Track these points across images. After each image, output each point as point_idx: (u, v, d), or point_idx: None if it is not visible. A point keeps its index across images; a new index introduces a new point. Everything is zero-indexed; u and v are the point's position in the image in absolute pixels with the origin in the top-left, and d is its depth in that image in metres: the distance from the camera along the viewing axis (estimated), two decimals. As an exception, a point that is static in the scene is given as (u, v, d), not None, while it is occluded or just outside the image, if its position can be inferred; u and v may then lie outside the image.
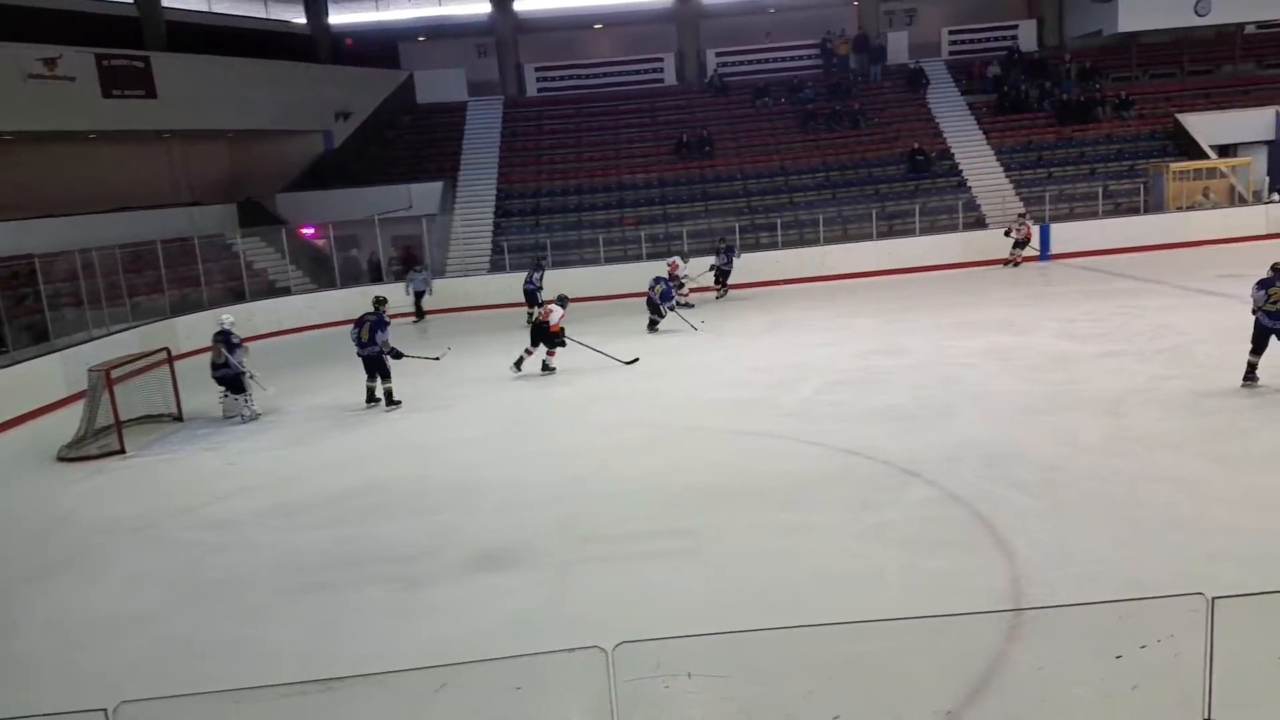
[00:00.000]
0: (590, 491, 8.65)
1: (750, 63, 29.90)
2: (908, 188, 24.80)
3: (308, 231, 23.75)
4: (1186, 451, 8.40)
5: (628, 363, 14.08)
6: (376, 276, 23.13)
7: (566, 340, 13.74)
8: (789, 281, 21.70)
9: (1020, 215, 22.45)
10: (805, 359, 13.62)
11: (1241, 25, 28.26)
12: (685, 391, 12.36)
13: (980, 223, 23.56)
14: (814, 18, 30.11)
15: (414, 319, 20.98)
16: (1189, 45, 28.49)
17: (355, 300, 18.48)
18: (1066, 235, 22.46)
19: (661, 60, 30.21)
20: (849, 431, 9.74)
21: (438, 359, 13.57)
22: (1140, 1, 26.83)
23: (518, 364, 13.91)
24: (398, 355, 12.32)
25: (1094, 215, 23.36)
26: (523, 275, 19.93)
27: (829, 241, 22.98)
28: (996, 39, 29.96)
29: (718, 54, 29.86)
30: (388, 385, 12.35)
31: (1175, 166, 23.85)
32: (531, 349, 13.93)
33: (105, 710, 3.58)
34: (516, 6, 29.79)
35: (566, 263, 23.07)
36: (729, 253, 20.62)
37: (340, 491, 9.15)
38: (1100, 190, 23.72)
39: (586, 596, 6.47)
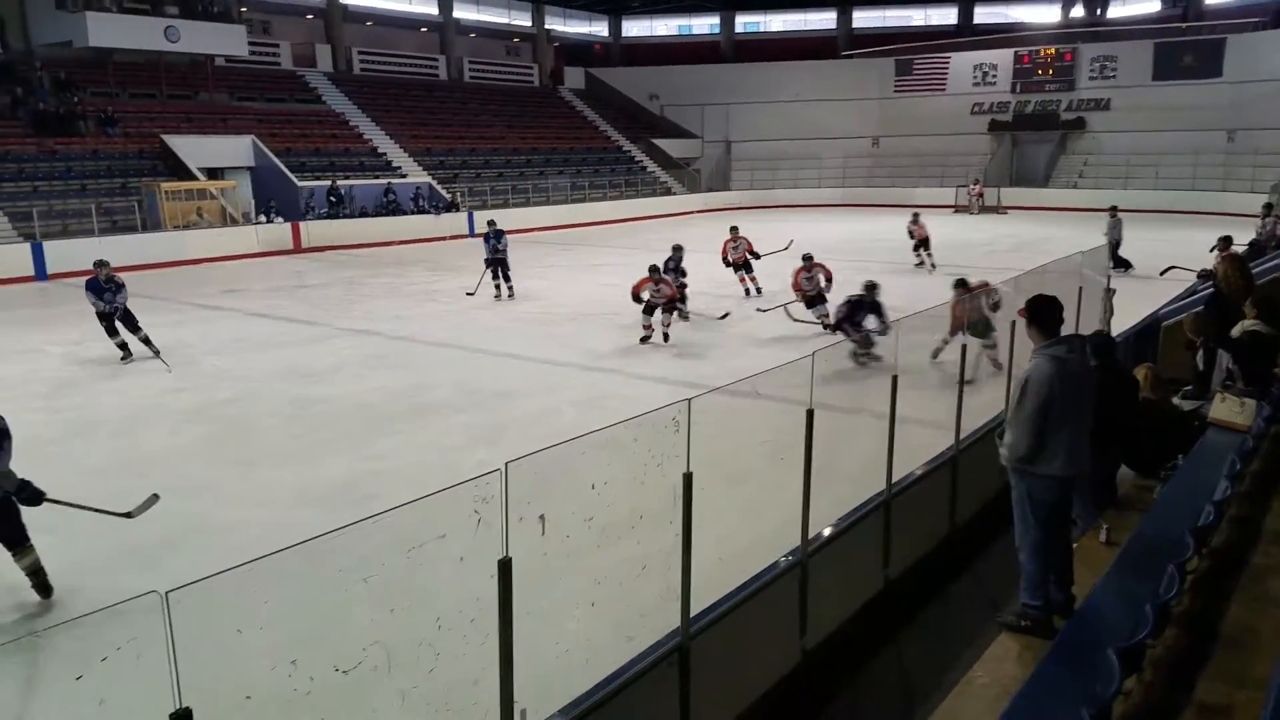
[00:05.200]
0: None
1: None
2: None
3: None
4: (205, 458, 8.71)
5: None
6: None
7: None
8: None
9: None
10: None
11: (211, 57, 30.45)
12: None
13: (-45, 239, 20.54)
14: None
15: None
16: (166, 69, 29.47)
17: None
18: (63, 254, 21.09)
19: None
20: None
21: None
22: (111, 19, 26.71)
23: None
24: None
25: (91, 233, 22.49)
26: None
27: None
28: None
29: None
30: None
31: (167, 186, 24.50)
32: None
33: None
34: None
35: None
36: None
37: None
38: (94, 207, 22.94)
39: None
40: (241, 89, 31.59)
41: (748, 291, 17.16)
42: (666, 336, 13.28)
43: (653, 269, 13.49)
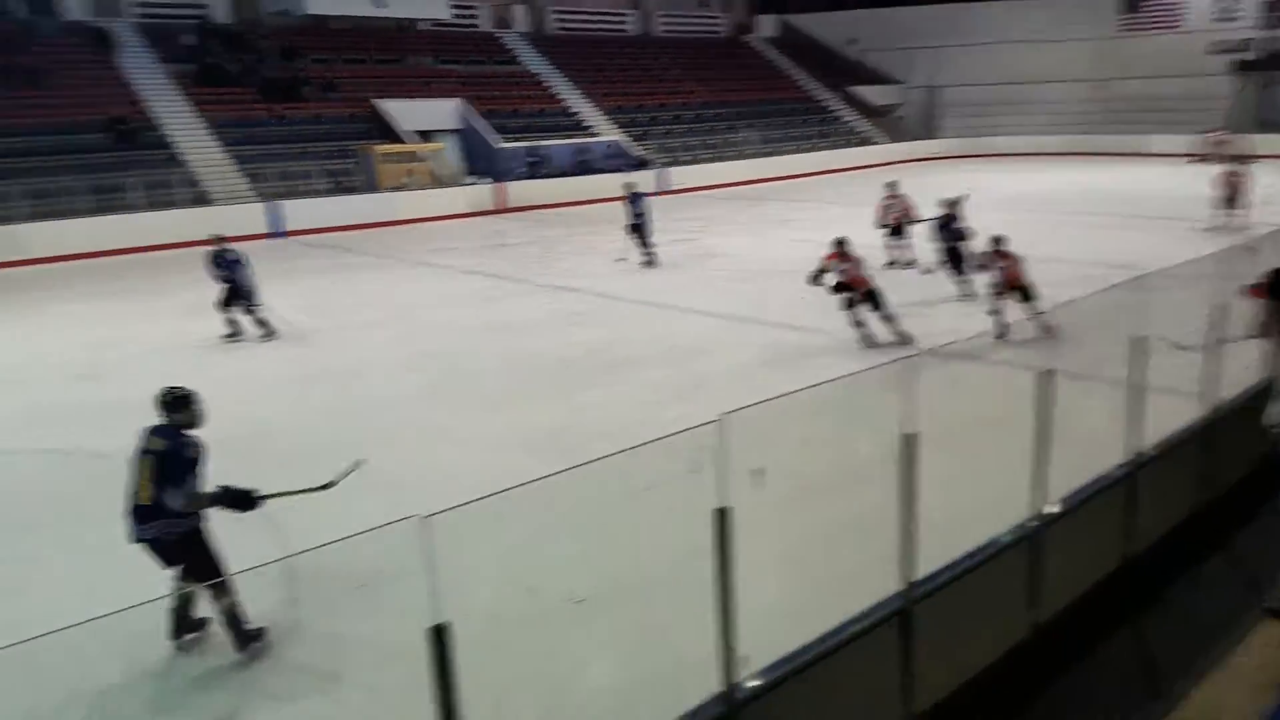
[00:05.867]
0: None
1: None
2: (114, 160, 22.32)
3: None
4: (422, 404, 9.28)
5: None
6: None
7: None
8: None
9: None
10: (9, 361, 11.69)
11: (415, 21, 31.81)
12: None
13: (204, 199, 22.58)
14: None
15: None
16: (375, 34, 31.02)
17: None
18: (297, 213, 22.84)
19: None
20: (68, 434, 8.65)
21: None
22: (326, -13, 28.42)
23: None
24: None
25: (316, 194, 24.17)
26: None
27: (34, 218, 19.75)
28: (188, 5, 28.67)
29: None
30: None
31: (381, 149, 25.90)
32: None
33: None
34: None
35: None
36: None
37: None
38: (319, 170, 24.61)
39: None
40: (444, 52, 32.85)
41: (893, 263, 14.68)
42: (870, 339, 10.62)
43: (838, 243, 10.74)
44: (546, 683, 4.57)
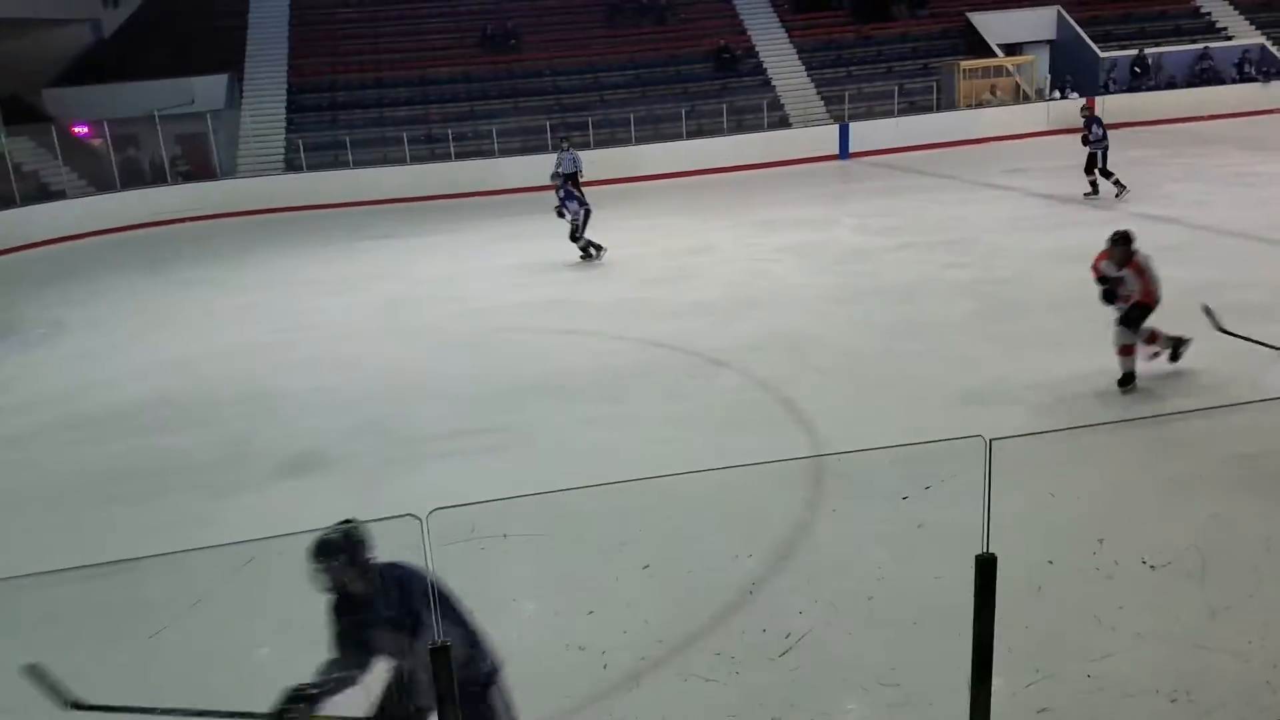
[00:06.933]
0: (397, 394, 8.49)
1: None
2: (714, 87, 24.68)
3: (81, 130, 21.77)
4: (971, 333, 8.92)
5: None
6: (159, 177, 21.42)
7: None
8: (600, 182, 21.48)
9: None
10: (616, 258, 13.56)
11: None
12: (493, 294, 12.17)
13: (784, 122, 23.93)
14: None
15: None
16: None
17: (136, 204, 17.66)
18: (864, 134, 23.16)
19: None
20: (660, 326, 9.88)
21: None
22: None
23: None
24: None
25: (890, 114, 24.14)
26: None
27: (640, 141, 22.81)
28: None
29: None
30: None
31: (965, 65, 24.84)
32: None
33: None
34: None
35: (367, 162, 22.14)
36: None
37: (131, 404, 8.69)
38: (896, 89, 24.50)
39: (401, 495, 6.14)
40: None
41: None
42: (1177, 352, 7.50)
43: (1119, 239, 7.20)
44: (1093, 643, 4.08)
